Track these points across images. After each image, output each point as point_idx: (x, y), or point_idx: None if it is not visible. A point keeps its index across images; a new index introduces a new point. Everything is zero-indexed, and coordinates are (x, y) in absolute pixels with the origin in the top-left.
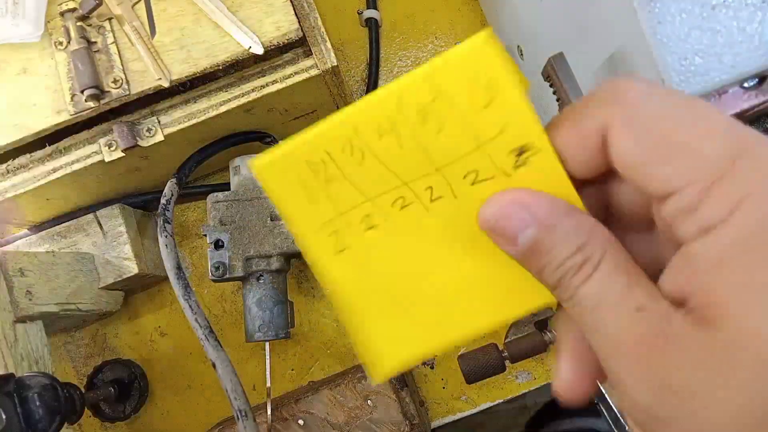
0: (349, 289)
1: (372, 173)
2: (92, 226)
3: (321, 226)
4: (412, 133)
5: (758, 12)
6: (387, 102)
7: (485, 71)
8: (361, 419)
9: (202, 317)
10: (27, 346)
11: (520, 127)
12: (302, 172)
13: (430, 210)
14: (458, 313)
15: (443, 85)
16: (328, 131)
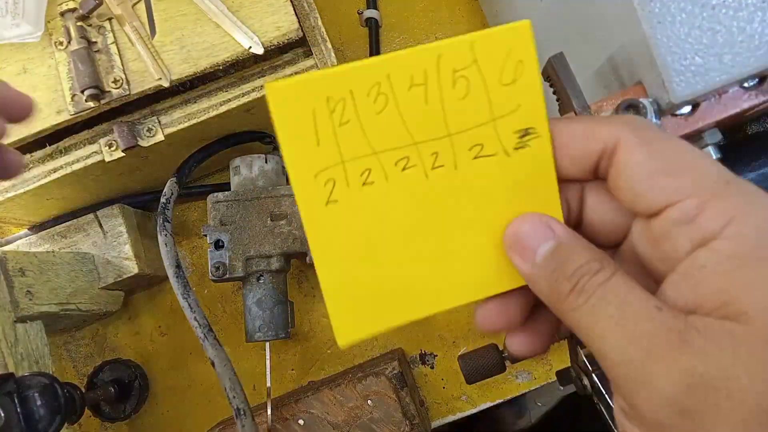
0: (330, 243)
1: (387, 125)
2: (92, 226)
3: (319, 171)
4: (440, 92)
5: (758, 12)
6: (428, 55)
7: (519, 52)
8: (361, 419)
9: (201, 316)
10: (27, 346)
11: (531, 109)
12: (319, 106)
13: (429, 177)
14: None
15: (481, 54)
16: (362, 69)
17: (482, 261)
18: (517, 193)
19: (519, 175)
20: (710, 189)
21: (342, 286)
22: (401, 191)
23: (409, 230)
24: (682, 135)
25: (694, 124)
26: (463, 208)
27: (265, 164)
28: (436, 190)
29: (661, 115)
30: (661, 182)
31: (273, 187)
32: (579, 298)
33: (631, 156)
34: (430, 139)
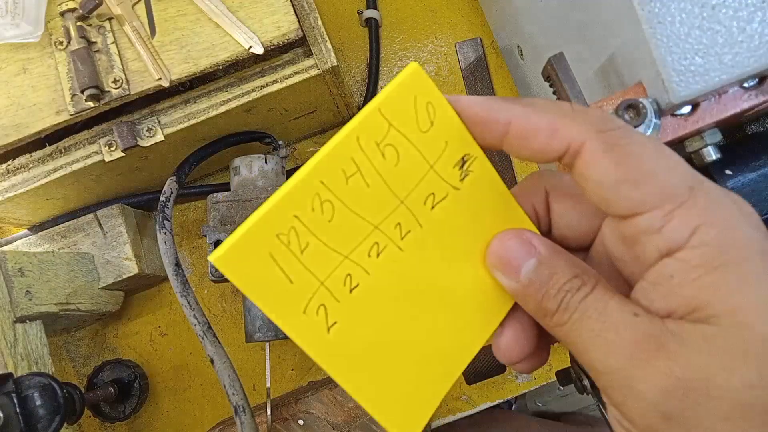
0: (346, 360)
1: (344, 226)
2: (92, 226)
3: (305, 305)
4: (375, 170)
5: (758, 12)
6: (348, 144)
7: (423, 95)
8: (361, 419)
9: (200, 313)
10: (27, 346)
11: (457, 140)
12: (273, 248)
13: (404, 248)
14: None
15: (392, 116)
16: (295, 191)
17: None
18: (482, 217)
19: (474, 200)
20: (675, 198)
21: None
22: (386, 275)
23: (410, 306)
24: (682, 135)
25: (694, 124)
26: (443, 256)
27: (264, 164)
28: (415, 255)
29: (661, 115)
30: (626, 192)
31: (273, 188)
32: (564, 315)
33: (595, 163)
34: (387, 216)
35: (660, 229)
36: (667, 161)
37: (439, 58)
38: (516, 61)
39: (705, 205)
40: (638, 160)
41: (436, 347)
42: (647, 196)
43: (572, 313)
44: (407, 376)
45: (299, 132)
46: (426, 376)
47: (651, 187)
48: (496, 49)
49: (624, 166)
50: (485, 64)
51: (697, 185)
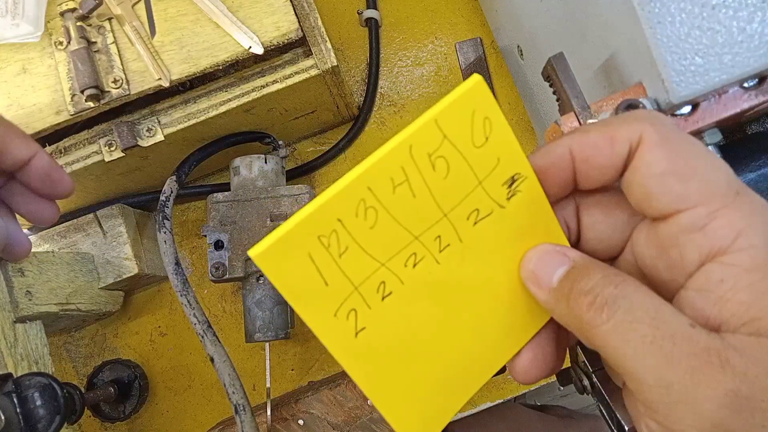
0: (371, 366)
1: (384, 234)
2: (92, 226)
3: (337, 309)
4: (424, 181)
5: (758, 12)
6: (400, 151)
7: (482, 109)
8: (361, 419)
9: (200, 312)
10: (27, 346)
11: (510, 158)
12: (313, 248)
13: (441, 261)
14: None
15: (448, 128)
16: (342, 195)
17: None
18: (522, 236)
19: (518, 219)
20: (720, 198)
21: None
22: (420, 286)
23: (438, 317)
24: None
25: (694, 124)
26: (478, 270)
27: (264, 164)
28: (451, 269)
29: None
30: (673, 186)
31: (273, 188)
32: (603, 313)
33: (650, 154)
34: (429, 227)
35: (703, 227)
36: (714, 162)
37: (439, 58)
38: (516, 61)
39: (750, 210)
40: (689, 155)
41: (461, 360)
42: (693, 193)
43: (615, 311)
44: (428, 386)
45: (299, 132)
46: (446, 388)
47: (697, 184)
48: (496, 49)
49: (675, 159)
50: (485, 64)
51: (742, 191)
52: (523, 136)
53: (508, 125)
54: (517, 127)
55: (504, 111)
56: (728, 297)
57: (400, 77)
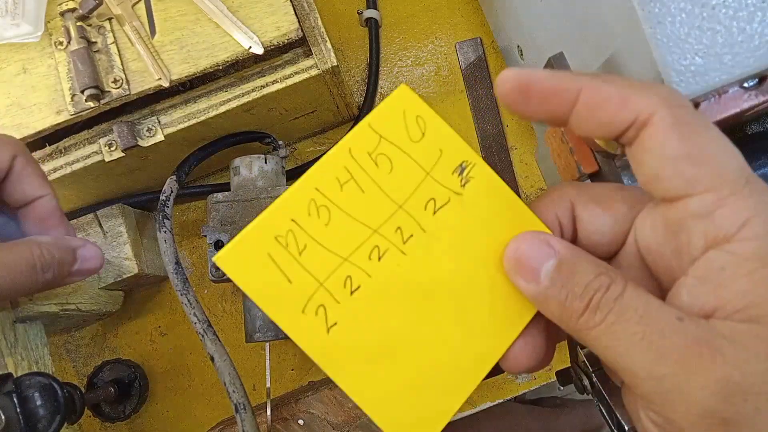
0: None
1: (342, 229)
2: (92, 226)
3: (304, 305)
4: (369, 177)
5: (758, 12)
6: (340, 155)
7: (412, 110)
8: (361, 419)
9: (200, 311)
10: (27, 346)
11: (452, 148)
12: (272, 249)
13: (407, 251)
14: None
15: (382, 129)
16: (291, 197)
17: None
18: (490, 222)
19: (480, 205)
20: (729, 185)
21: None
22: (388, 278)
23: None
24: None
25: None
26: (449, 260)
27: (264, 164)
28: (420, 259)
29: None
30: (685, 170)
31: (273, 188)
32: (595, 316)
33: (663, 135)
34: (386, 220)
35: (710, 213)
36: (729, 148)
37: (439, 58)
38: (516, 61)
39: (757, 199)
40: (702, 139)
41: (448, 356)
42: (703, 177)
43: (606, 315)
44: (415, 384)
45: (299, 132)
46: (437, 386)
47: (709, 169)
48: (496, 49)
49: (688, 143)
50: (485, 64)
51: (752, 179)
52: (523, 136)
53: (441, 120)
54: (517, 127)
55: (504, 111)
56: (726, 284)
57: (400, 77)
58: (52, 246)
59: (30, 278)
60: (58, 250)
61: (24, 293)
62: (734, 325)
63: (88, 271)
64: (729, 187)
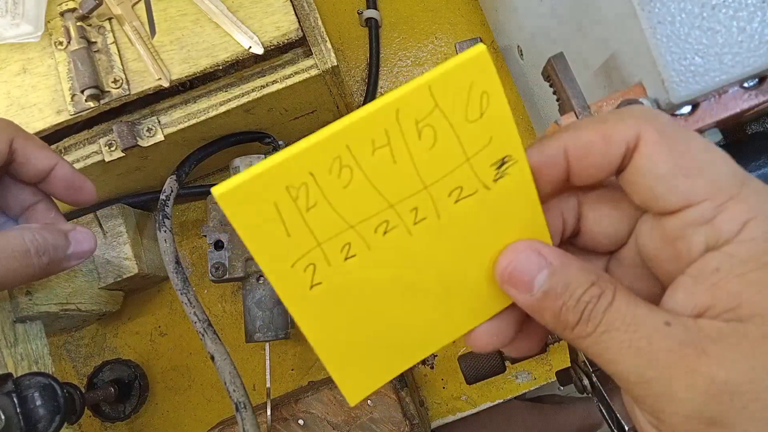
0: (321, 320)
1: (357, 196)
2: (92, 226)
3: (295, 260)
4: (407, 148)
5: (758, 12)
6: (386, 113)
7: (481, 82)
8: (361, 419)
9: (200, 310)
10: (27, 346)
11: (504, 138)
12: (280, 199)
13: (413, 233)
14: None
15: (441, 97)
16: (316, 148)
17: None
18: (502, 221)
19: (502, 203)
20: (726, 191)
21: (340, 352)
22: (386, 254)
23: (399, 285)
24: None
25: (694, 124)
26: (450, 249)
27: None
28: (422, 243)
29: None
30: (680, 184)
31: None
32: (587, 327)
33: (652, 154)
34: (406, 197)
35: (710, 220)
36: (717, 155)
37: (439, 58)
38: (516, 61)
39: (756, 200)
40: (690, 151)
41: (415, 327)
42: (699, 188)
43: (597, 325)
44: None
45: (299, 132)
46: (392, 351)
47: (703, 179)
48: (496, 49)
49: (678, 157)
50: None
51: (748, 181)
52: (523, 136)
53: (506, 103)
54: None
55: None
56: (720, 285)
57: (400, 77)
58: (44, 230)
59: (26, 263)
60: (50, 234)
61: (22, 280)
62: (721, 325)
63: (83, 253)
64: (726, 193)
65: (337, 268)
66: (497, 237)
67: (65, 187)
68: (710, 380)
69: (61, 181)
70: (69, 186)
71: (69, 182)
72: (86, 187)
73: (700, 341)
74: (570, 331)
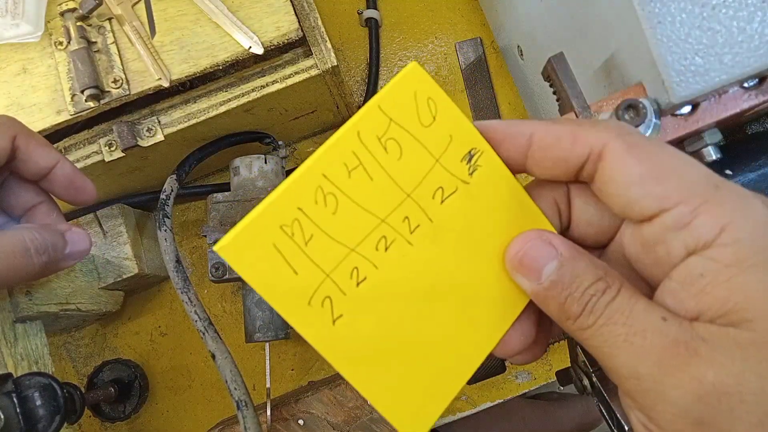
0: (353, 354)
1: (349, 219)
2: (92, 226)
3: (310, 297)
4: (378, 163)
5: (758, 12)
6: (348, 138)
7: (423, 91)
8: (361, 419)
9: (201, 309)
10: (27, 346)
11: (463, 134)
12: (277, 239)
13: (413, 242)
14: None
15: (392, 111)
16: (297, 183)
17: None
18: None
19: (486, 195)
20: (701, 194)
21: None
22: (396, 270)
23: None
24: (682, 135)
25: (694, 124)
26: (454, 252)
27: (264, 165)
28: (425, 250)
29: (662, 115)
30: (652, 189)
31: (273, 188)
32: (588, 319)
33: (619, 162)
34: (394, 209)
35: (687, 224)
36: (687, 160)
37: (439, 58)
38: (516, 61)
39: (733, 203)
40: (660, 158)
41: (448, 345)
42: (672, 192)
43: (598, 317)
44: (417, 373)
45: (299, 132)
46: (437, 374)
47: (675, 183)
48: (496, 49)
49: (647, 163)
50: (485, 64)
51: (721, 184)
52: None
53: (452, 103)
54: None
55: (504, 111)
56: (707, 291)
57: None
58: (43, 230)
59: (26, 262)
60: (48, 233)
61: (22, 279)
62: (714, 328)
63: (80, 252)
64: (700, 196)
65: (352, 296)
66: (497, 231)
67: (66, 186)
68: (699, 381)
69: (62, 179)
70: (70, 185)
71: (70, 181)
72: (87, 186)
73: (692, 341)
74: (572, 322)
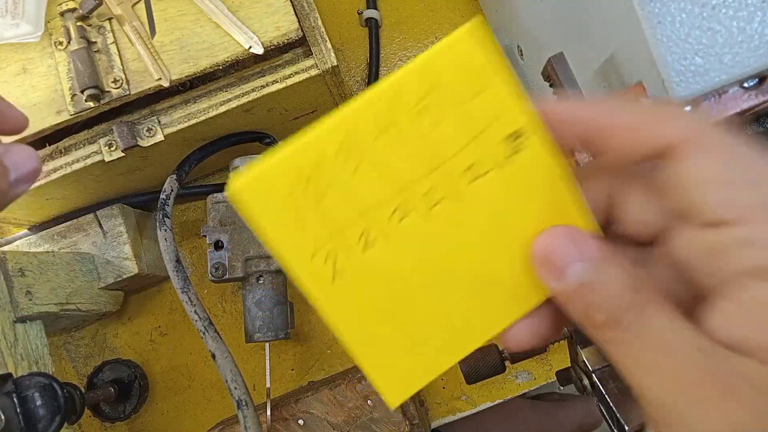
0: (349, 317)
1: (368, 182)
2: (92, 226)
3: (314, 251)
4: (411, 129)
5: (758, 12)
6: (385, 96)
7: (475, 58)
8: (361, 419)
9: (201, 309)
10: (27, 346)
11: (511, 110)
12: (294, 188)
13: (430, 219)
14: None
15: (438, 75)
16: (324, 135)
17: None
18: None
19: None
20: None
21: (374, 350)
22: (405, 241)
23: (425, 277)
24: None
25: None
26: (475, 236)
27: None
28: (441, 229)
29: None
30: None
31: None
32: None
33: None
34: (416, 180)
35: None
36: None
37: None
38: (516, 61)
39: None
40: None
41: (447, 321)
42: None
43: (624, 333)
44: (410, 342)
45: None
46: (430, 348)
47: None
48: None
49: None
50: None
51: None
52: None
53: (509, 74)
54: None
55: None
56: (762, 320)
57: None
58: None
59: None
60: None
61: None
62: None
63: (29, 175)
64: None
65: (356, 259)
66: (526, 220)
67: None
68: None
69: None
70: None
71: None
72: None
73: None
74: (595, 329)
